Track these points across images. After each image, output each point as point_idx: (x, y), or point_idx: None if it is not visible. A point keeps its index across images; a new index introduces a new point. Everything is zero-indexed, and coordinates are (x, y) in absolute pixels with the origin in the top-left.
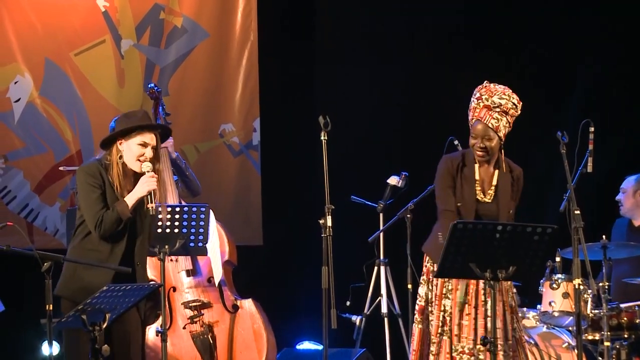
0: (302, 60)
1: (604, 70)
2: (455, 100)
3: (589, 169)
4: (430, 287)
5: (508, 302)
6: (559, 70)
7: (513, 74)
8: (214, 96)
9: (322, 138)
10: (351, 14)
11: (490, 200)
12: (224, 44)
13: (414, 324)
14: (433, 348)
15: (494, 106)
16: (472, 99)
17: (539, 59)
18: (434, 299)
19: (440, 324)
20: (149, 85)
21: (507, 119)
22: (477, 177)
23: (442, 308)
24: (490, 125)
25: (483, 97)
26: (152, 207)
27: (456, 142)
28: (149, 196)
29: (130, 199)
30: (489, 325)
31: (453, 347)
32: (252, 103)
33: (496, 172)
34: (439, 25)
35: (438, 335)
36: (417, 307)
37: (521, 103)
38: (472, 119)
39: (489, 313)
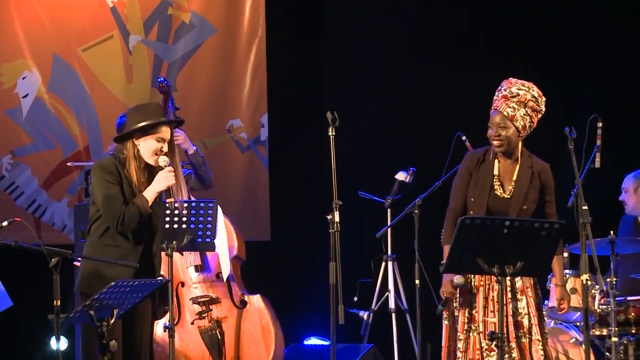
0: (310, 56)
1: (612, 64)
2: (463, 96)
3: (597, 164)
4: None
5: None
6: (567, 65)
7: (521, 70)
8: (222, 92)
9: (330, 134)
10: (359, 9)
11: (509, 196)
12: (231, 39)
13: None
14: (460, 345)
15: (511, 96)
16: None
17: (547, 55)
18: (459, 295)
19: (467, 320)
20: (159, 80)
21: (525, 111)
22: (495, 172)
23: (468, 305)
24: (505, 113)
25: (503, 88)
26: (171, 201)
27: (464, 138)
28: (167, 190)
29: (150, 194)
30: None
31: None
32: (260, 99)
33: (517, 167)
34: (447, 22)
35: (465, 332)
36: (446, 304)
37: (544, 98)
38: (492, 109)
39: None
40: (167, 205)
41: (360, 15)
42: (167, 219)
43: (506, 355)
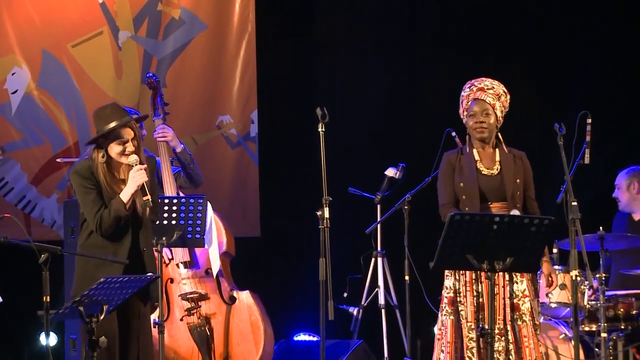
0: (299, 52)
1: (602, 61)
2: (452, 92)
3: (586, 160)
4: (457, 277)
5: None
6: (557, 62)
7: (512, 66)
8: (212, 88)
9: (320, 130)
10: (350, 5)
11: (496, 173)
12: (221, 35)
13: (443, 317)
14: (473, 334)
15: (487, 88)
16: (462, 93)
17: (537, 51)
18: (462, 288)
19: (475, 309)
20: (147, 75)
21: (499, 104)
22: (476, 157)
23: (475, 294)
24: (487, 101)
25: (475, 83)
26: (148, 199)
27: (454, 134)
28: (142, 188)
29: (125, 196)
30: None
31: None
32: (249, 95)
33: (497, 150)
34: (438, 19)
35: (475, 320)
36: (445, 300)
37: (509, 96)
38: (468, 102)
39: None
40: (146, 204)
41: (351, 11)
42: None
43: (503, 338)
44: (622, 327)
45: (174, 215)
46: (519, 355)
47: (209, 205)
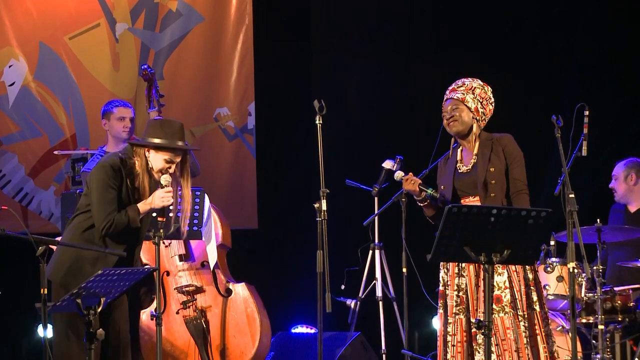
0: (297, 44)
1: (599, 54)
2: (450, 83)
3: (584, 152)
4: (446, 270)
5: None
6: (554, 54)
7: (508, 58)
8: (209, 80)
9: (317, 122)
10: None
11: (470, 168)
12: (219, 27)
13: (438, 309)
14: (450, 328)
15: (457, 86)
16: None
17: (534, 43)
18: (448, 280)
19: (455, 303)
20: (142, 67)
21: (474, 96)
22: (458, 157)
23: (456, 288)
24: (455, 97)
25: (450, 87)
26: (162, 220)
27: None
28: (161, 209)
29: (143, 208)
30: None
31: (472, 321)
32: (247, 87)
33: (476, 144)
34: (434, 15)
35: (454, 315)
36: (439, 292)
37: (489, 87)
38: (443, 104)
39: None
40: (160, 224)
41: (349, 5)
42: (154, 214)
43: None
44: (620, 319)
45: (171, 207)
46: (501, 347)
47: (207, 198)
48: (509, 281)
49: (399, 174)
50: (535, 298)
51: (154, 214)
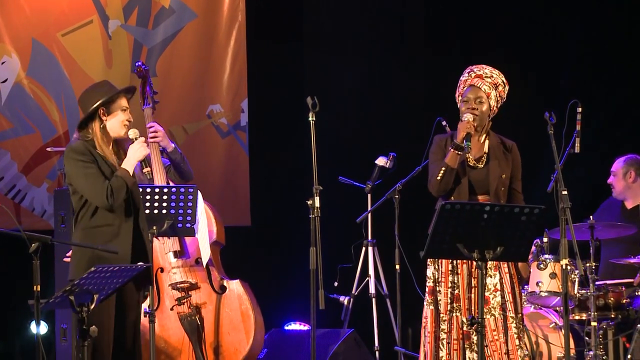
0: (290, 41)
1: (592, 50)
2: (443, 81)
3: (577, 149)
4: (437, 267)
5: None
6: (547, 50)
7: (501, 54)
8: (202, 77)
9: (310, 119)
10: None
11: (482, 166)
12: (211, 24)
13: (424, 306)
14: (444, 326)
15: (485, 76)
16: (461, 77)
17: (528, 40)
18: (441, 278)
19: (449, 300)
20: (136, 63)
21: (496, 93)
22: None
23: (450, 285)
24: (482, 89)
25: (474, 69)
26: (149, 170)
27: (444, 123)
28: (143, 161)
29: (128, 165)
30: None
31: (465, 320)
32: (240, 84)
33: (486, 141)
34: (428, 8)
35: (448, 312)
36: (426, 289)
37: (508, 86)
38: (464, 87)
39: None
40: (145, 174)
41: (341, 3)
42: (148, 204)
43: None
44: (612, 316)
45: (164, 204)
46: (490, 348)
47: (200, 195)
48: (500, 284)
49: (468, 116)
50: (519, 303)
51: (144, 170)
